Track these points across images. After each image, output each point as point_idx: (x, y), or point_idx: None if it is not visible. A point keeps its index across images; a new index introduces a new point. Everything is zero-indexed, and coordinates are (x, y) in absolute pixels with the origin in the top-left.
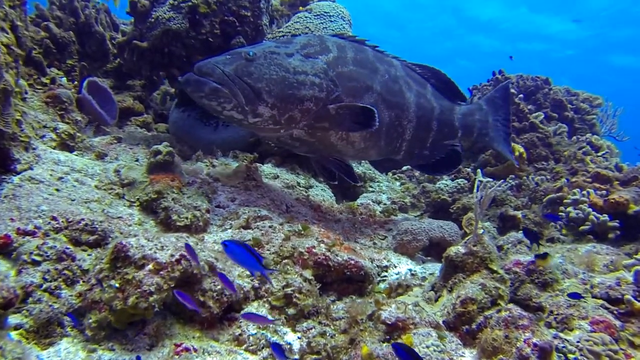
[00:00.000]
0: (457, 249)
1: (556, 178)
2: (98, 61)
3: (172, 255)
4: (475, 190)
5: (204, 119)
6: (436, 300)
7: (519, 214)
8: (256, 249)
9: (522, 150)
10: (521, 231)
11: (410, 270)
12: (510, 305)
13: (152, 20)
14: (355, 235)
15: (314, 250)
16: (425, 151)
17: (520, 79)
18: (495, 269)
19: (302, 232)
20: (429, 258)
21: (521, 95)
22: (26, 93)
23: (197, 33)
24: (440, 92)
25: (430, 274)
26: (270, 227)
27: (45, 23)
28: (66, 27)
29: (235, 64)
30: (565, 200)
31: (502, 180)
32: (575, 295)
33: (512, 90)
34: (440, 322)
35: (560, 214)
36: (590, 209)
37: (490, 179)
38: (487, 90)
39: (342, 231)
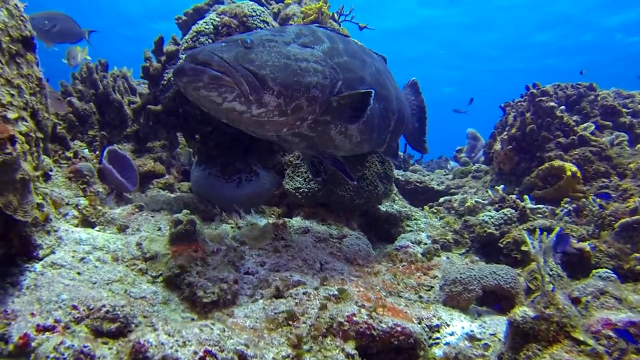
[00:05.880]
0: (524, 313)
1: (625, 197)
2: (117, 128)
3: (195, 353)
4: (535, 242)
5: (225, 175)
6: None
7: (586, 246)
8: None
9: (574, 169)
10: (595, 274)
11: (466, 332)
12: None
13: (165, 82)
14: (397, 287)
15: (354, 318)
16: (396, 143)
17: (558, 89)
18: (581, 338)
19: (340, 297)
20: (483, 308)
21: (563, 107)
22: (51, 170)
23: None
24: None
25: (492, 334)
26: (304, 293)
27: (69, 98)
28: (87, 99)
29: (234, 51)
30: None
31: (560, 230)
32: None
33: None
34: None
35: None
36: None
37: (541, 205)
38: (522, 107)
39: (383, 286)
